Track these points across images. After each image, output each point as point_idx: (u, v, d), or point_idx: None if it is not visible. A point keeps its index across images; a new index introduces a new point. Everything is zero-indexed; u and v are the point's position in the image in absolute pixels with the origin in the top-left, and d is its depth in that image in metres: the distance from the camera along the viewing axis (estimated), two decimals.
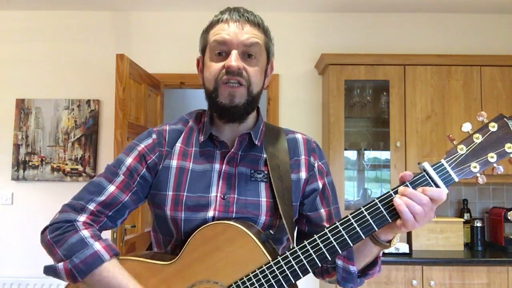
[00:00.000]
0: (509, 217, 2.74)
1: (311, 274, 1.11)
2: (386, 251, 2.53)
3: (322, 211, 1.05)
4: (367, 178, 3.09)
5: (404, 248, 2.57)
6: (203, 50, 1.04)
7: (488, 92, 2.77)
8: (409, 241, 2.72)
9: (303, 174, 1.05)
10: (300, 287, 0.96)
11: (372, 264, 1.00)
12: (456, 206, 3.07)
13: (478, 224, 2.82)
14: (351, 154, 3.06)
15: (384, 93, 2.90)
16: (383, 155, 3.00)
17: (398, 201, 0.83)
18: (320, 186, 1.06)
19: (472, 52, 3.04)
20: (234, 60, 0.95)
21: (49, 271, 0.91)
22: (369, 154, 3.04)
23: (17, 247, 3.01)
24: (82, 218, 0.95)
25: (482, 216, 3.02)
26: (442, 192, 0.83)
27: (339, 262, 0.98)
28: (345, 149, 2.82)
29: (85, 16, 3.17)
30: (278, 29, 3.29)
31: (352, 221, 0.86)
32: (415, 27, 3.15)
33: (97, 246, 0.92)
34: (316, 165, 1.07)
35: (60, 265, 0.90)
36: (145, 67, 2.85)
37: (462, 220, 2.79)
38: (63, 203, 1.00)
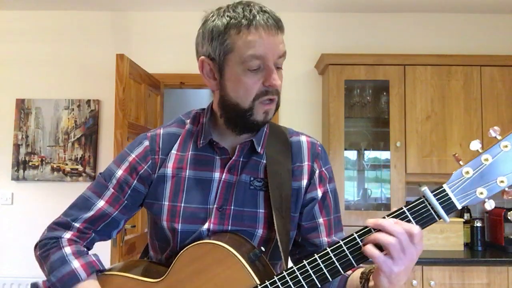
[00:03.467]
0: (509, 217, 2.73)
1: None
2: None
3: (321, 221, 0.99)
4: (367, 178, 3.08)
5: None
6: (224, 54, 0.88)
7: (488, 92, 2.76)
8: None
9: (304, 182, 0.99)
10: None
11: None
12: None
13: (478, 224, 2.81)
14: (351, 154, 3.05)
15: (384, 93, 2.90)
16: (383, 155, 3.00)
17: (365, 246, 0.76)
18: (320, 194, 0.99)
19: (472, 52, 3.04)
20: (278, 78, 0.89)
21: None
22: (369, 154, 3.04)
23: (17, 247, 3.00)
24: (68, 235, 0.94)
25: (482, 216, 3.01)
26: (412, 227, 0.76)
27: None
28: (345, 149, 2.81)
29: (85, 16, 3.17)
30: None
31: (344, 247, 0.80)
32: (415, 27, 3.15)
33: (75, 264, 0.90)
34: (317, 172, 1.00)
35: (40, 283, 0.91)
36: (145, 67, 2.85)
37: (462, 220, 2.79)
38: (63, 203, 1.01)
